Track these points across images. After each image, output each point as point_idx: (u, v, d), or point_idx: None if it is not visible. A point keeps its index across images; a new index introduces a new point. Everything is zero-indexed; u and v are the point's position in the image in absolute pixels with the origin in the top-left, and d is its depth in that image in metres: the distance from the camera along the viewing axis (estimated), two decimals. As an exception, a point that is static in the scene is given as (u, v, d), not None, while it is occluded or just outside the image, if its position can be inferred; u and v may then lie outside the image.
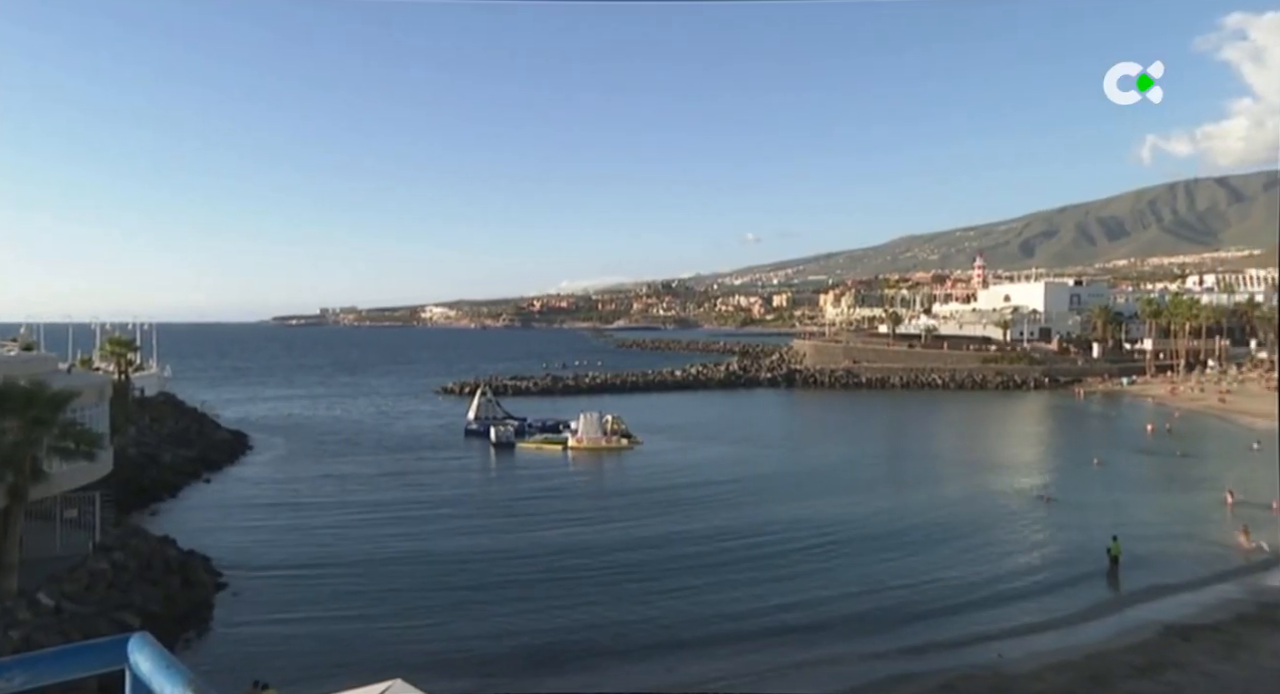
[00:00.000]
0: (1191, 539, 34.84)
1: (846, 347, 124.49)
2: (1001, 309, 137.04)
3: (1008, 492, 46.59)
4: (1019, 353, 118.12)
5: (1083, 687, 20.42)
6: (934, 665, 22.59)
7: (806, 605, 27.62)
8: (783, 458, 56.98)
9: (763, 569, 31.35)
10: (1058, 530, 37.18)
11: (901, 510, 41.10)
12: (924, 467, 54.87)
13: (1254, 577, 30.01)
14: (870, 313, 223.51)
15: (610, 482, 50.25)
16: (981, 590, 29.06)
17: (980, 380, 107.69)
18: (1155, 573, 30.55)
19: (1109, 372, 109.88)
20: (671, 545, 34.23)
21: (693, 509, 40.99)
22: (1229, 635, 23.73)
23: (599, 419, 61.26)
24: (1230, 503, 40.69)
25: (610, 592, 28.45)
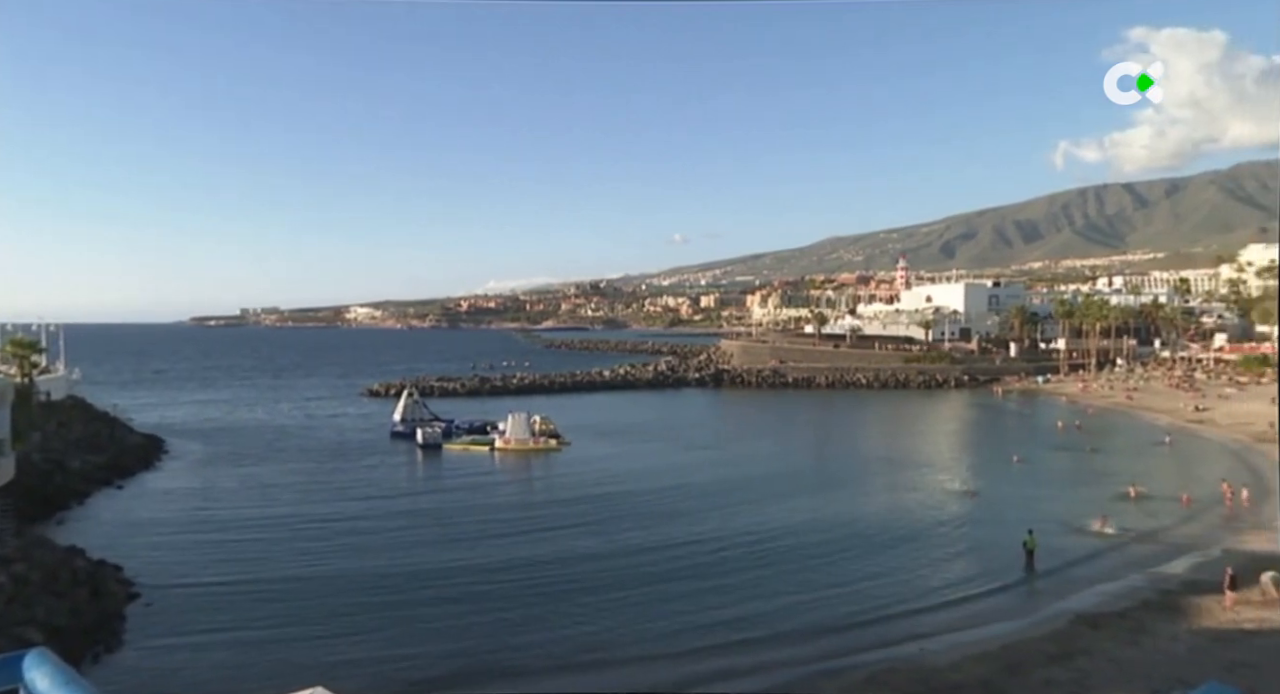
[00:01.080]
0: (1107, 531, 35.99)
1: (773, 347, 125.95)
2: (924, 309, 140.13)
3: (932, 488, 47.61)
4: (940, 352, 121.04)
5: (1000, 676, 20.91)
6: (858, 660, 22.92)
7: (735, 601, 27.83)
8: (711, 458, 57.26)
9: (694, 573, 31.42)
10: (979, 526, 38.09)
11: (828, 509, 41.61)
12: (850, 465, 55.76)
13: (1155, 566, 31.18)
14: (796, 313, 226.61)
15: (539, 486, 49.79)
16: (905, 585, 29.63)
17: (903, 380, 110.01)
18: (1067, 564, 31.57)
19: (1025, 370, 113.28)
20: (599, 557, 33.06)
21: (621, 516, 40.12)
22: (1133, 622, 24.61)
23: (527, 420, 60.88)
24: (1133, 496, 42.32)
25: (540, 606, 27.60)
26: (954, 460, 59.00)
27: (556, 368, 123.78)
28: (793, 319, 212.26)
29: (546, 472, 53.32)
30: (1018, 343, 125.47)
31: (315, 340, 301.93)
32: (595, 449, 59.68)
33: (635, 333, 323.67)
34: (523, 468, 54.50)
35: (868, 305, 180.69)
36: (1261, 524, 36.40)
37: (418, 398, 70.26)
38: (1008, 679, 20.67)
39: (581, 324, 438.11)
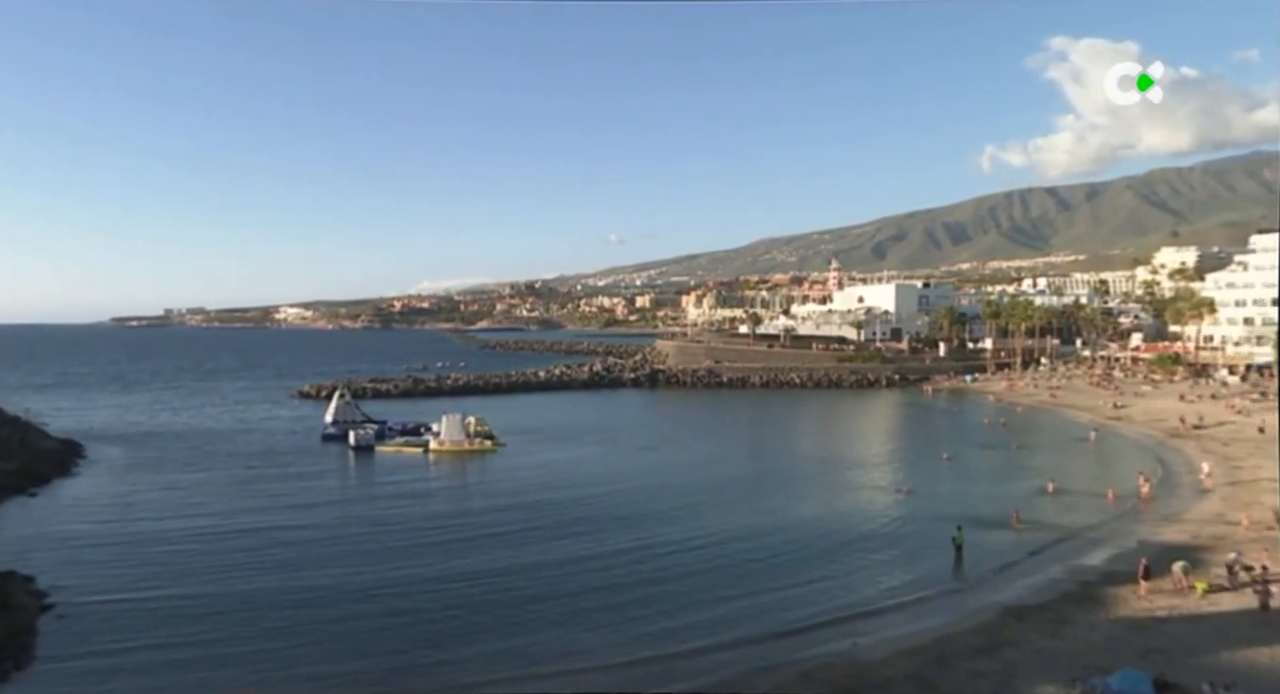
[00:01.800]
0: (1020, 526, 36.99)
1: (708, 347, 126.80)
2: (855, 310, 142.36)
3: (866, 487, 48.46)
4: (872, 352, 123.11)
5: (930, 669, 21.36)
6: (793, 656, 23.21)
7: (670, 597, 28.12)
8: (647, 459, 57.43)
9: (631, 578, 31.42)
10: (910, 523, 38.84)
11: (765, 509, 42.00)
12: (786, 465, 56.37)
13: (1076, 559, 32.17)
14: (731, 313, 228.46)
15: (474, 491, 48.99)
16: (839, 583, 30.07)
17: (836, 379, 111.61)
18: (994, 559, 32.39)
19: (954, 369, 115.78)
20: (534, 567, 32.00)
21: (557, 522, 39.11)
22: (1055, 613, 25.38)
23: (461, 421, 60.32)
24: (1051, 491, 43.57)
25: (475, 618, 26.65)
26: (886, 459, 60.01)
27: (491, 369, 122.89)
28: (727, 319, 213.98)
29: (482, 474, 52.87)
30: (947, 342, 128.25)
31: (244, 341, 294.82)
32: (531, 451, 59.42)
33: (571, 333, 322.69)
34: (458, 470, 53.96)
35: (801, 306, 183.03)
36: (1173, 516, 37.75)
37: (350, 399, 69.13)
38: (938, 672, 21.13)
39: (517, 324, 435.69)
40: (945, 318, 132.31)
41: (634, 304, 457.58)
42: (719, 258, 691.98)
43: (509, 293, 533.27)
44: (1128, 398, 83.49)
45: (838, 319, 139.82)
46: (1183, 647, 21.98)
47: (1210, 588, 26.31)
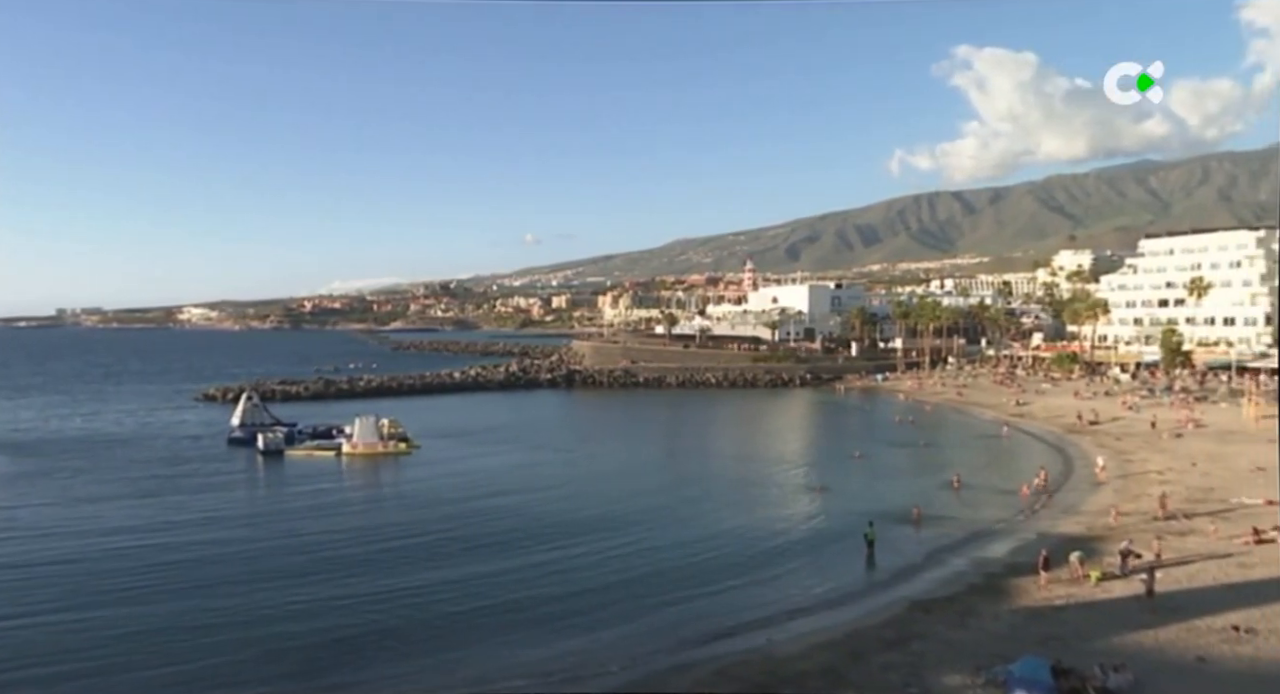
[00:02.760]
0: (928, 521, 38.15)
1: (624, 347, 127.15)
2: (770, 310, 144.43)
3: (781, 485, 49.29)
4: (786, 352, 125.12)
5: (843, 663, 21.86)
6: (708, 653, 23.48)
7: (585, 596, 28.20)
8: (564, 460, 57.31)
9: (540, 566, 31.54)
10: (824, 519, 39.62)
11: (681, 508, 42.37)
12: (703, 464, 56.98)
13: (981, 551, 33.35)
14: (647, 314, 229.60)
15: (388, 497, 47.59)
16: (755, 579, 30.52)
17: (751, 379, 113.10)
18: (902, 553, 33.29)
19: (866, 369, 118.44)
20: (447, 583, 30.36)
21: (469, 527, 38.20)
22: (961, 605, 26.26)
23: (375, 423, 59.25)
24: (957, 486, 45.01)
25: (389, 638, 25.50)
26: (801, 457, 61.15)
27: (405, 370, 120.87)
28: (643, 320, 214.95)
29: (397, 479, 51.73)
30: (858, 342, 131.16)
31: (145, 343, 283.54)
32: (447, 453, 58.68)
33: (486, 334, 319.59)
34: (372, 474, 52.96)
35: (716, 306, 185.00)
36: (1070, 509, 39.38)
37: (257, 401, 67.25)
38: (850, 665, 21.65)
39: (431, 325, 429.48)
40: (857, 318, 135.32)
41: (550, 304, 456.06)
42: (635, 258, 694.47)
43: (423, 293, 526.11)
44: (1029, 395, 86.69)
45: (753, 319, 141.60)
46: (1078, 632, 22.98)
47: (1104, 576, 27.54)
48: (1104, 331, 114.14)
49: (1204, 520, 35.10)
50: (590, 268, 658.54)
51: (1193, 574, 27.95)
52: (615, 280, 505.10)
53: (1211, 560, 29.33)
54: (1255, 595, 25.47)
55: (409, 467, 54.62)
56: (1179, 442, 57.33)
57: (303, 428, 63.98)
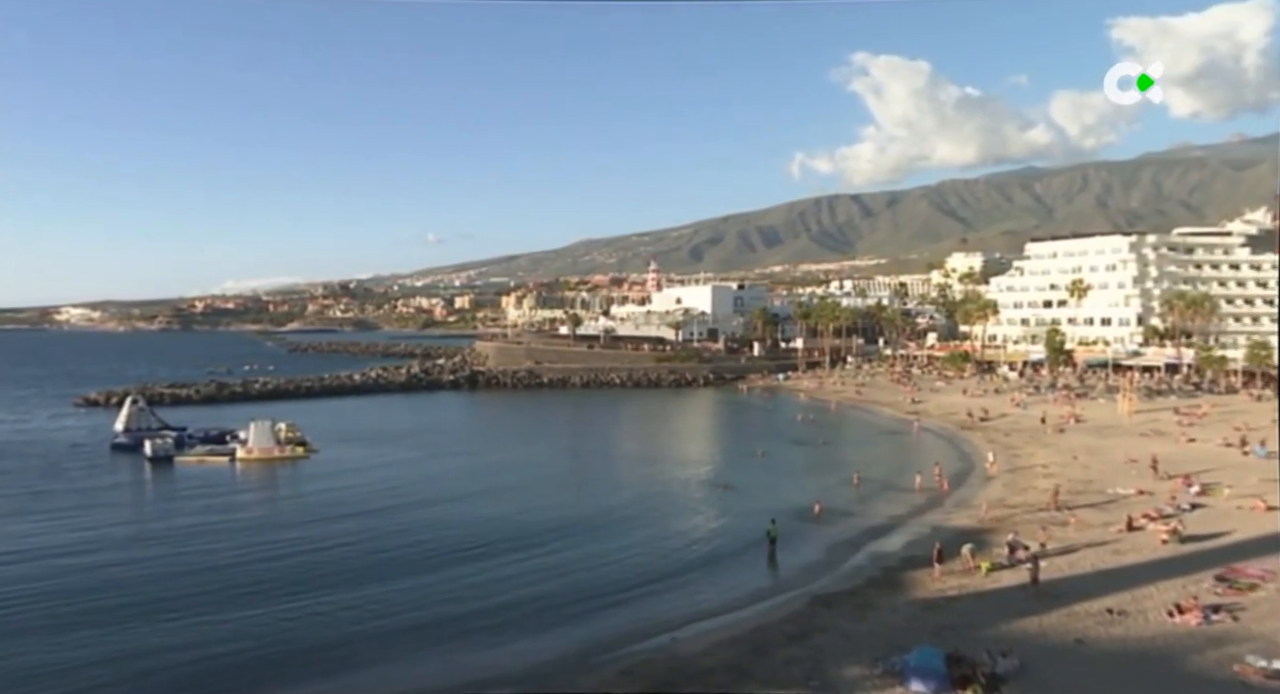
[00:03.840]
0: (829, 517, 39.08)
1: (528, 348, 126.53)
2: (673, 311, 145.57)
3: (686, 483, 49.72)
4: (690, 352, 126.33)
5: (747, 659, 22.20)
6: (613, 654, 23.58)
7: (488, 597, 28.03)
8: (467, 463, 56.65)
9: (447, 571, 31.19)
10: (727, 517, 40.18)
11: (587, 509, 42.37)
12: (608, 465, 57.08)
13: (879, 546, 34.39)
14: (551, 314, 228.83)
15: (284, 507, 44.54)
16: (659, 578, 30.76)
17: (655, 379, 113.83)
18: (804, 550, 34.05)
19: (768, 368, 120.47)
20: (348, 596, 29.21)
21: (371, 536, 37.02)
22: (861, 598, 27.00)
23: (271, 428, 57.49)
24: (856, 483, 46.22)
25: (289, 660, 24.94)
26: (705, 456, 61.83)
27: (303, 372, 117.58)
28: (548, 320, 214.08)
29: (295, 486, 49.80)
30: (761, 342, 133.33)
31: (18, 344, 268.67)
32: (347, 457, 57.26)
33: (387, 335, 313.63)
34: (268, 481, 51.11)
35: (620, 307, 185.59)
36: (963, 502, 40.89)
37: (144, 405, 64.51)
38: (754, 661, 22.01)
39: (330, 326, 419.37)
40: (759, 318, 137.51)
41: (453, 305, 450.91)
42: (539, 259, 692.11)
43: (322, 293, 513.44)
44: (924, 394, 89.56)
45: (656, 320, 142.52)
46: (969, 622, 23.89)
47: (993, 567, 28.68)
48: (994, 331, 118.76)
49: (1084, 511, 36.91)
50: (494, 268, 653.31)
51: (1073, 562, 29.36)
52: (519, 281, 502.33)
53: (1090, 549, 30.89)
54: (1127, 579, 27.02)
55: (308, 472, 53.05)
56: (1062, 436, 60.09)
57: (193, 432, 61.64)
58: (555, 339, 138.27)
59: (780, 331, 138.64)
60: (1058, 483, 41.72)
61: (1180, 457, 49.16)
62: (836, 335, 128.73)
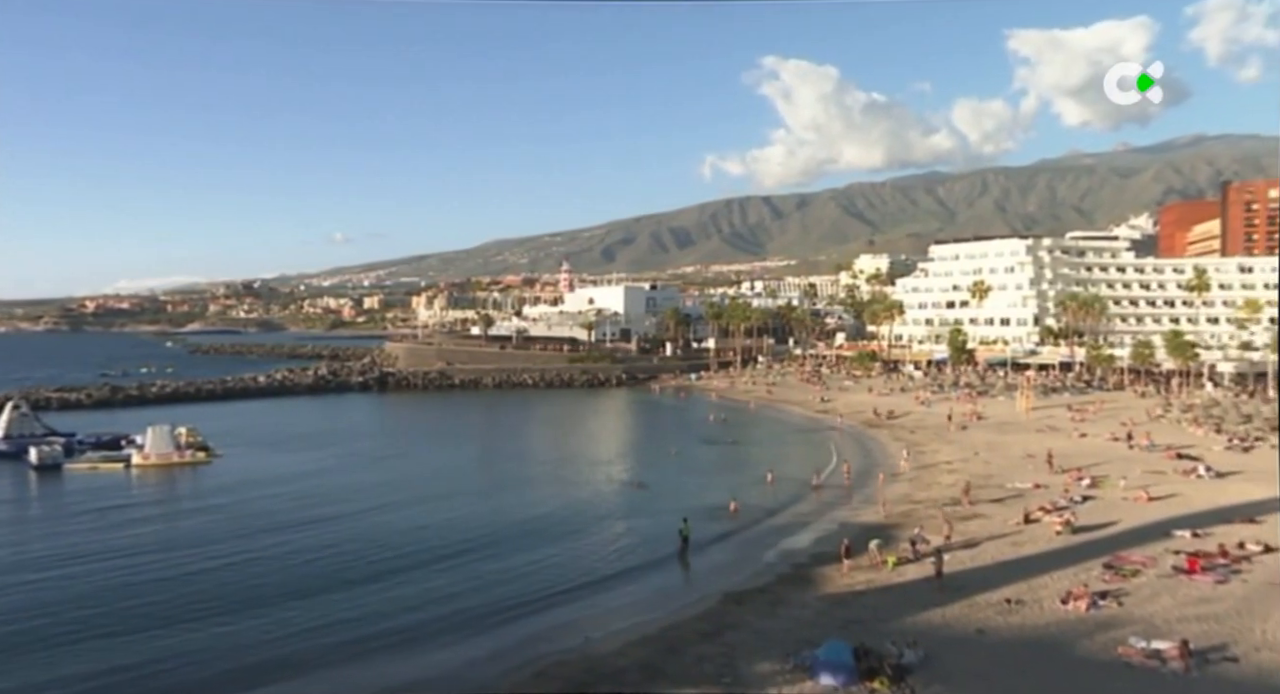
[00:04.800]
0: (741, 514, 39.58)
1: (440, 348, 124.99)
2: (586, 311, 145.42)
3: (599, 483, 49.75)
4: (603, 352, 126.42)
5: (660, 657, 22.35)
6: (527, 655, 23.46)
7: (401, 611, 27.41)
8: (376, 466, 55.62)
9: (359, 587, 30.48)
10: (639, 517, 40.30)
11: (499, 511, 41.99)
12: (520, 466, 56.61)
13: (789, 543, 34.98)
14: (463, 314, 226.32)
15: (184, 523, 40.85)
16: (574, 580, 30.69)
17: (568, 379, 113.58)
18: (716, 547, 34.52)
19: (680, 368, 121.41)
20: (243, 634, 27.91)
21: (278, 544, 35.94)
22: (772, 595, 27.47)
23: (170, 432, 55.35)
24: (770, 481, 46.92)
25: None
26: (619, 456, 61.94)
27: (205, 374, 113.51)
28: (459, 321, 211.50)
29: (196, 494, 47.61)
30: (673, 342, 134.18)
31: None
32: (252, 462, 55.53)
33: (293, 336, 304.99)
34: (167, 489, 49.09)
35: (533, 307, 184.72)
36: (870, 498, 41.89)
37: (27, 410, 61.15)
38: (667, 659, 22.17)
39: (233, 327, 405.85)
40: (671, 319, 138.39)
41: (362, 305, 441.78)
42: (450, 258, 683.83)
43: (224, 293, 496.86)
44: (833, 392, 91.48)
45: (569, 320, 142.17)
46: (877, 615, 24.52)
47: (899, 561, 29.48)
48: (900, 331, 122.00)
49: (985, 505, 38.24)
50: (404, 268, 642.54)
51: (975, 555, 30.40)
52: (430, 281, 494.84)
53: (990, 541, 32.02)
54: (1024, 570, 28.14)
55: (210, 479, 51.05)
56: (964, 433, 62.12)
57: (83, 438, 58.84)
58: (467, 340, 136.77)
59: (692, 332, 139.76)
60: (968, 479, 43.04)
61: (1073, 451, 51.33)
62: (748, 335, 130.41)
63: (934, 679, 19.93)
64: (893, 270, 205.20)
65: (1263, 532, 31.74)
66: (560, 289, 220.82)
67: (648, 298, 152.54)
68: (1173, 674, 20.06)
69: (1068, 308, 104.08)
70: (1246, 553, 29.08)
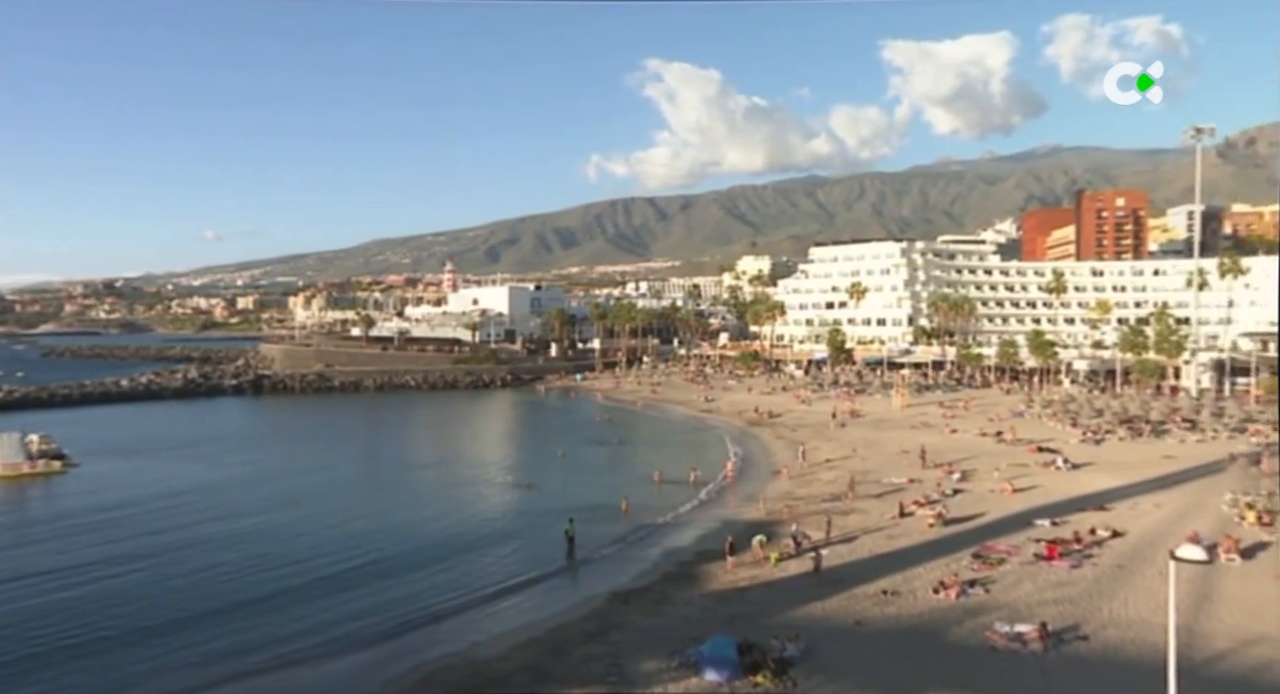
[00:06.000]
0: (629, 514, 39.82)
1: (319, 350, 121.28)
2: (470, 312, 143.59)
3: (484, 485, 49.34)
4: (487, 353, 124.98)
5: (546, 659, 22.26)
6: (411, 661, 23.06)
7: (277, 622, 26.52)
8: (249, 473, 53.41)
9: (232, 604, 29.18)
10: (525, 518, 40.14)
11: (381, 515, 41.16)
12: (403, 469, 55.54)
13: (675, 541, 35.38)
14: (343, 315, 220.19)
15: (34, 530, 39.50)
16: (458, 584, 30.33)
17: (452, 381, 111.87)
18: (603, 548, 34.53)
19: (566, 369, 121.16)
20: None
21: (140, 547, 34.67)
22: (657, 593, 27.71)
23: (20, 440, 51.89)
24: (658, 480, 47.26)
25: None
26: (506, 457, 61.44)
27: (60, 378, 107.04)
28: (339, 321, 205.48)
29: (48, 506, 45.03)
30: (559, 343, 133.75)
31: None
32: (112, 471, 52.47)
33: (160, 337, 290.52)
34: (14, 502, 45.97)
35: (416, 307, 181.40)
36: (753, 496, 42.66)
37: None
38: (552, 661, 22.09)
39: (92, 328, 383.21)
40: (557, 319, 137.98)
41: (236, 306, 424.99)
42: (329, 258, 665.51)
43: (82, 292, 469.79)
44: (717, 392, 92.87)
45: (453, 321, 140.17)
46: (760, 610, 25.01)
47: (782, 557, 30.13)
48: (781, 331, 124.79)
49: (864, 500, 39.48)
50: (280, 267, 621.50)
51: (853, 549, 31.36)
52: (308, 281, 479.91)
53: (867, 535, 33.10)
54: (900, 562, 29.23)
55: (64, 490, 47.94)
56: (843, 430, 63.98)
57: None
58: (347, 341, 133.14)
59: (578, 332, 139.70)
60: (852, 475, 44.29)
61: (945, 446, 53.53)
62: (633, 336, 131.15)
63: (815, 671, 20.45)
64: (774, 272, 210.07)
65: (1112, 518, 34.01)
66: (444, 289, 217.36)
67: (533, 298, 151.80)
68: (1032, 655, 21.21)
69: (939, 308, 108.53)
70: (1098, 538, 31.08)
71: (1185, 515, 34.54)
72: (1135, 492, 39.00)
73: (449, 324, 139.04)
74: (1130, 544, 30.63)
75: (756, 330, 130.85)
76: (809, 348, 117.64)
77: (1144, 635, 21.78)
